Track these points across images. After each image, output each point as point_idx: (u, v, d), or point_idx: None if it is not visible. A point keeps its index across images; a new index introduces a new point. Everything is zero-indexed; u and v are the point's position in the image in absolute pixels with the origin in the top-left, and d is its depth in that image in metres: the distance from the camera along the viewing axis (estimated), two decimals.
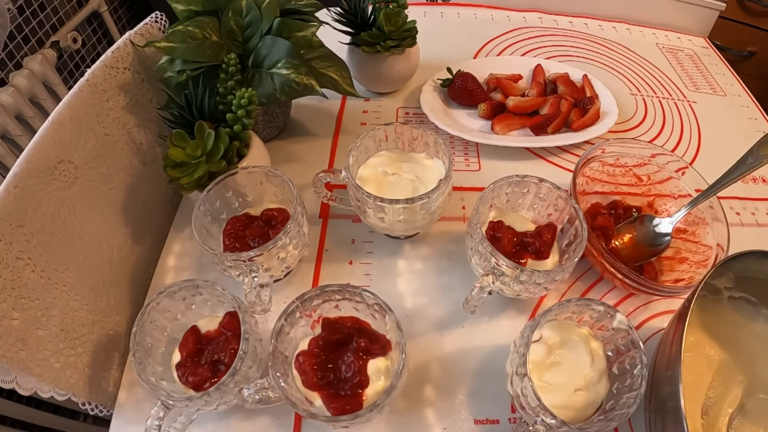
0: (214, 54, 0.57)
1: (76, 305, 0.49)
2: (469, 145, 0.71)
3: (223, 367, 0.44)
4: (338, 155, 0.70)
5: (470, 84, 0.74)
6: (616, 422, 0.38)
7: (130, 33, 0.59)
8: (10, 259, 0.41)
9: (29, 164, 0.44)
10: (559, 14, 0.98)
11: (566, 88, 0.74)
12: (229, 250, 0.51)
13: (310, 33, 0.61)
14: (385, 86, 0.78)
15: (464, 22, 0.95)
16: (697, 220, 0.55)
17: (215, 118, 0.55)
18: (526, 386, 0.39)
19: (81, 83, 0.52)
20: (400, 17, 0.69)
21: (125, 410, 0.48)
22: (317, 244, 0.60)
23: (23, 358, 0.42)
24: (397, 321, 0.41)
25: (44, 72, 1.14)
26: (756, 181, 0.70)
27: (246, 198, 0.55)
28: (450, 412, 0.47)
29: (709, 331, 0.49)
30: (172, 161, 0.52)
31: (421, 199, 0.48)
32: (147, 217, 0.62)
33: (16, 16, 1.12)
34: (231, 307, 0.46)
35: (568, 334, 0.44)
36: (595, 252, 0.51)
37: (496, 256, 0.45)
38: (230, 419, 0.47)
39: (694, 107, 0.81)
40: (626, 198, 0.61)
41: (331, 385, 0.42)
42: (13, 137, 1.05)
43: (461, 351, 0.51)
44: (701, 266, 0.52)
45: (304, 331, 0.45)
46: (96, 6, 1.37)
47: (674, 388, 0.37)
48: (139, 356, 0.42)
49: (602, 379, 0.42)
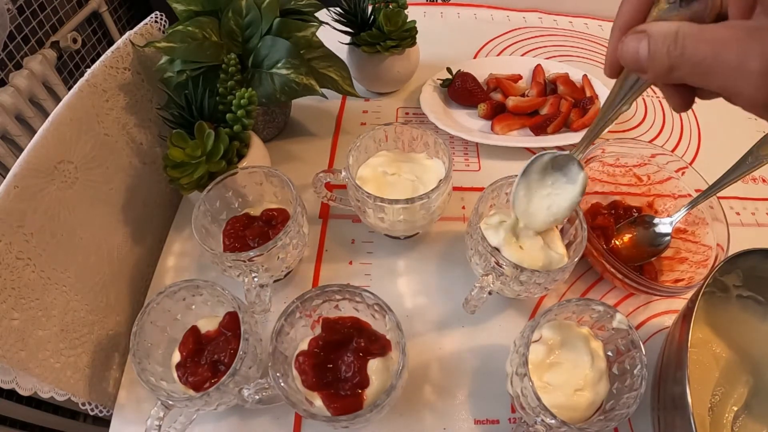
0: (214, 54, 0.57)
1: (76, 305, 0.49)
2: (469, 145, 0.71)
3: (223, 368, 0.44)
4: (338, 155, 0.70)
5: (470, 84, 0.74)
6: (616, 422, 0.38)
7: (130, 33, 0.59)
8: (10, 259, 0.41)
9: (29, 164, 0.44)
10: (559, 14, 0.98)
11: (566, 88, 0.74)
12: (229, 250, 0.51)
13: (310, 33, 0.61)
14: (385, 86, 0.78)
15: (464, 22, 0.95)
16: (697, 220, 0.55)
17: (215, 118, 0.55)
18: (526, 386, 0.39)
19: (81, 83, 0.52)
20: (400, 17, 0.69)
21: (125, 410, 0.49)
22: (317, 244, 0.60)
23: (23, 358, 0.42)
24: (397, 321, 0.41)
25: (44, 72, 1.14)
26: (756, 181, 0.70)
27: (246, 198, 0.55)
28: (450, 413, 0.47)
29: (716, 329, 0.49)
30: (172, 161, 0.52)
31: (421, 199, 0.48)
32: (147, 217, 0.62)
33: (16, 16, 1.12)
34: (231, 307, 0.46)
35: (568, 334, 0.44)
36: (595, 252, 0.51)
37: (496, 256, 0.45)
38: (230, 419, 0.47)
39: (694, 107, 0.80)
40: (626, 198, 0.61)
41: (331, 385, 0.42)
42: (13, 137, 1.05)
43: (461, 351, 0.51)
44: (701, 266, 0.52)
45: (304, 331, 0.45)
46: (96, 6, 1.37)
47: (682, 385, 0.37)
48: (139, 356, 0.42)
49: (602, 379, 0.42)
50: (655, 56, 0.25)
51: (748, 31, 0.22)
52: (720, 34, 0.23)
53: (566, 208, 0.45)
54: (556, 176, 0.45)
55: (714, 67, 0.23)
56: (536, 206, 0.46)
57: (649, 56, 0.26)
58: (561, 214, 0.45)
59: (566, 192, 0.44)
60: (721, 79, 0.23)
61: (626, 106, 0.33)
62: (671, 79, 0.25)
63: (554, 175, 0.45)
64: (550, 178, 0.45)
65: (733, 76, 0.23)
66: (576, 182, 0.43)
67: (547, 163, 0.45)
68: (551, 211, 0.46)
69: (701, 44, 0.24)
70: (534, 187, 0.46)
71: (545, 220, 0.46)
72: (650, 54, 0.25)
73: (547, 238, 0.49)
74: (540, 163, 0.45)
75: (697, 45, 0.24)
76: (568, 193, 0.44)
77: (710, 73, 0.24)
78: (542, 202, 0.46)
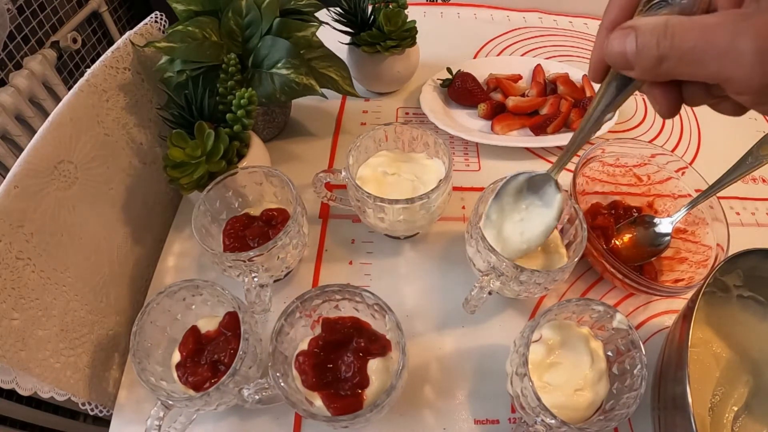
0: (214, 54, 0.57)
1: (76, 305, 0.49)
2: (469, 145, 0.71)
3: (223, 367, 0.44)
4: (338, 155, 0.70)
5: (470, 84, 0.74)
6: (616, 422, 0.38)
7: (130, 33, 0.59)
8: (10, 259, 0.41)
9: (29, 164, 0.44)
10: (559, 14, 0.98)
11: (566, 88, 0.74)
12: (229, 250, 0.51)
13: (310, 33, 0.61)
14: (385, 86, 0.78)
15: (464, 22, 0.95)
16: (697, 220, 0.55)
17: (215, 118, 0.55)
18: (526, 386, 0.39)
19: (81, 83, 0.52)
20: (400, 17, 0.69)
21: (125, 410, 0.49)
22: (317, 244, 0.60)
23: (23, 358, 0.42)
24: (397, 321, 0.41)
25: (44, 72, 1.14)
26: (756, 181, 0.70)
27: (246, 198, 0.55)
28: (450, 413, 0.47)
29: (716, 329, 0.49)
30: (172, 161, 0.52)
31: (420, 199, 0.48)
32: (147, 217, 0.62)
33: (16, 16, 1.12)
34: (231, 307, 0.46)
35: (568, 334, 0.44)
36: (595, 252, 0.51)
37: (496, 256, 0.45)
38: (230, 419, 0.47)
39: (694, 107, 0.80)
40: (626, 198, 0.61)
41: (331, 385, 0.42)
42: (13, 137, 1.05)
43: (461, 351, 0.51)
44: (701, 266, 0.52)
45: (304, 331, 0.45)
46: (96, 6, 1.37)
47: (682, 384, 0.37)
48: (139, 356, 0.42)
49: (602, 379, 0.42)
50: (643, 49, 0.25)
51: (738, 17, 0.22)
52: (709, 21, 0.23)
53: (540, 234, 0.42)
54: (531, 199, 0.42)
55: (704, 54, 0.23)
56: (509, 232, 0.44)
57: (636, 51, 0.25)
58: (534, 242, 0.43)
59: (541, 217, 0.42)
60: (712, 66, 0.23)
61: (610, 113, 0.32)
62: (659, 73, 0.25)
63: (529, 198, 0.43)
64: (525, 201, 0.43)
65: (724, 59, 0.22)
66: (552, 206, 0.41)
67: (522, 185, 0.42)
68: (524, 238, 0.43)
69: (690, 32, 0.23)
70: (507, 210, 0.43)
71: (518, 248, 0.44)
72: (638, 47, 0.25)
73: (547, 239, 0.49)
74: (515, 184, 0.42)
75: (686, 33, 0.23)
76: (543, 217, 0.42)
77: (700, 61, 0.23)
78: (515, 227, 0.43)
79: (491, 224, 0.44)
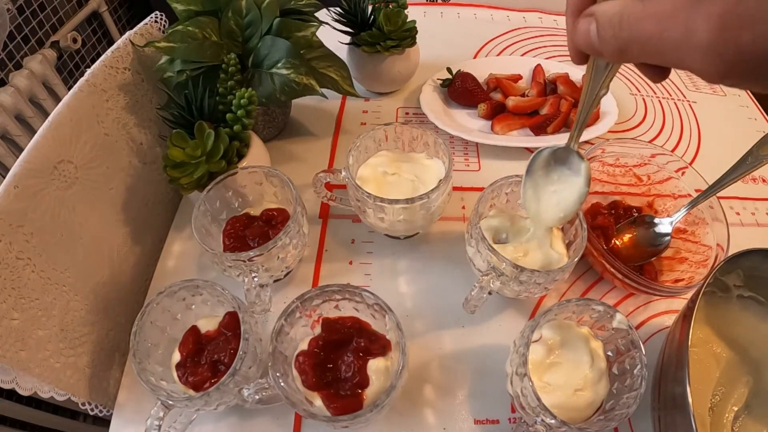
0: (214, 54, 0.57)
1: (76, 305, 0.49)
2: (469, 145, 0.71)
3: (223, 367, 0.44)
4: (338, 155, 0.70)
5: (470, 84, 0.74)
6: (616, 422, 0.38)
7: (130, 33, 0.59)
8: (10, 259, 0.41)
9: (29, 164, 0.44)
10: (559, 14, 0.98)
11: (566, 88, 0.74)
12: (229, 250, 0.51)
13: (310, 33, 0.61)
14: (385, 86, 0.78)
15: (464, 22, 0.95)
16: (697, 220, 0.55)
17: (215, 118, 0.55)
18: (526, 386, 0.39)
19: (81, 83, 0.52)
20: (400, 17, 0.69)
21: (125, 410, 0.48)
22: (317, 244, 0.60)
23: (23, 358, 0.42)
24: (397, 321, 0.41)
25: (44, 72, 1.14)
26: (756, 181, 0.70)
27: (246, 198, 0.55)
28: (450, 412, 0.47)
29: (716, 329, 0.49)
30: (172, 161, 0.52)
31: (420, 199, 0.48)
32: (147, 217, 0.62)
33: (16, 16, 1.12)
34: (231, 307, 0.46)
35: (568, 334, 0.44)
36: (595, 252, 0.51)
37: (496, 256, 0.45)
38: (230, 419, 0.47)
39: (694, 107, 0.81)
40: (626, 198, 0.61)
41: (331, 385, 0.42)
42: (13, 137, 1.05)
43: (461, 351, 0.51)
44: (701, 266, 0.52)
45: (304, 331, 0.45)
46: (96, 6, 1.37)
47: (682, 384, 0.37)
48: (139, 356, 0.42)
49: (602, 379, 0.42)
50: (604, 39, 0.25)
51: (688, 3, 0.22)
52: (662, 8, 0.22)
53: (574, 201, 0.43)
54: (561, 170, 0.44)
55: (662, 44, 0.23)
56: (546, 204, 0.45)
57: (598, 40, 0.25)
58: (570, 209, 0.44)
59: (572, 185, 0.43)
60: (671, 55, 0.23)
61: (603, 90, 0.33)
62: (626, 60, 0.25)
63: (559, 169, 0.44)
64: (555, 172, 0.44)
65: (681, 51, 0.22)
66: (579, 173, 0.43)
67: (549, 158, 0.44)
68: (560, 207, 0.45)
69: (645, 22, 0.23)
70: (541, 184, 0.45)
71: (555, 216, 0.45)
72: (599, 37, 0.25)
73: (548, 238, 0.49)
74: (541, 159, 0.44)
75: (640, 24, 0.23)
76: (574, 185, 0.43)
77: (660, 52, 0.23)
78: (551, 198, 0.45)
79: (529, 199, 0.45)
